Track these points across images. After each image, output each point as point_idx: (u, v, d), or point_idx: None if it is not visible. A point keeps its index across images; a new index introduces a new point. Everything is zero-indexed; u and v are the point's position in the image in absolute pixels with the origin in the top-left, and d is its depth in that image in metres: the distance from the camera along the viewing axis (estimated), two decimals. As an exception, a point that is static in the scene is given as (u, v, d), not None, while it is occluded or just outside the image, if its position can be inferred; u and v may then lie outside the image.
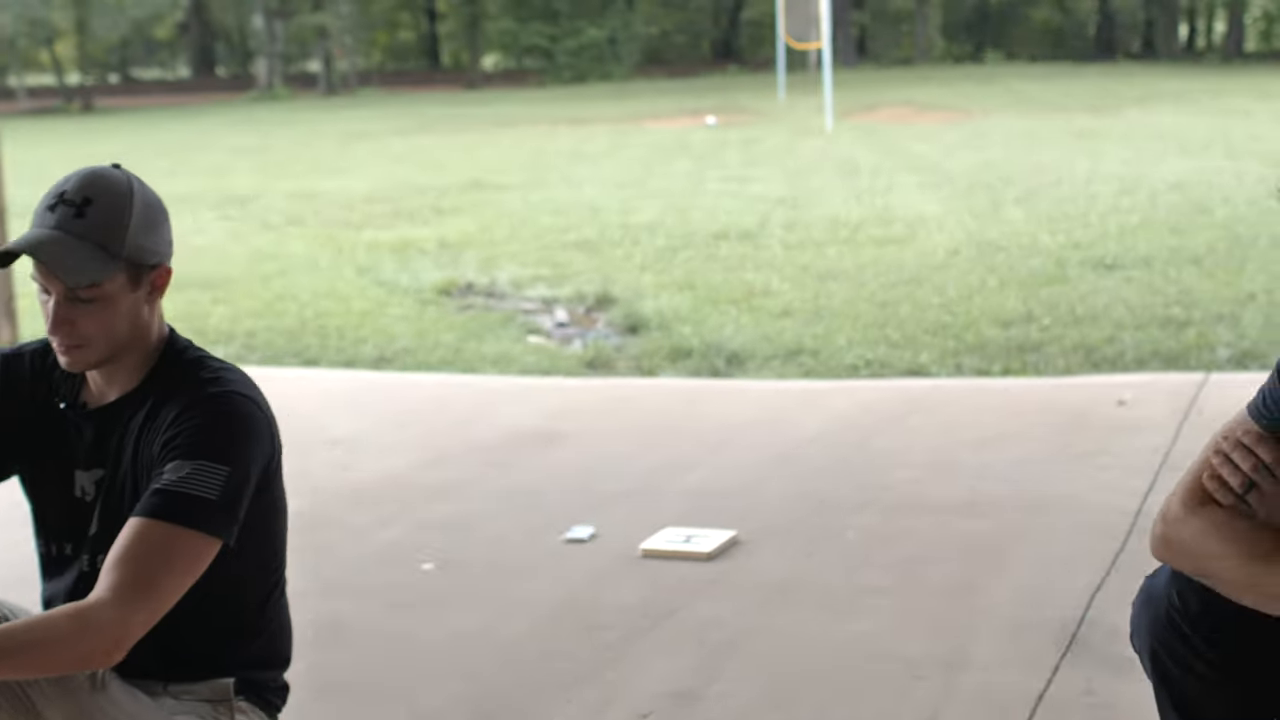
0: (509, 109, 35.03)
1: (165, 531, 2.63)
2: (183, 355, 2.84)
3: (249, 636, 2.93)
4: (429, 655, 4.32)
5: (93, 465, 2.84)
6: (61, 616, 2.57)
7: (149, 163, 24.03)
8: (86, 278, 2.67)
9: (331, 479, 6.08)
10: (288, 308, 10.37)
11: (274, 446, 2.82)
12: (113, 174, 2.76)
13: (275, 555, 2.97)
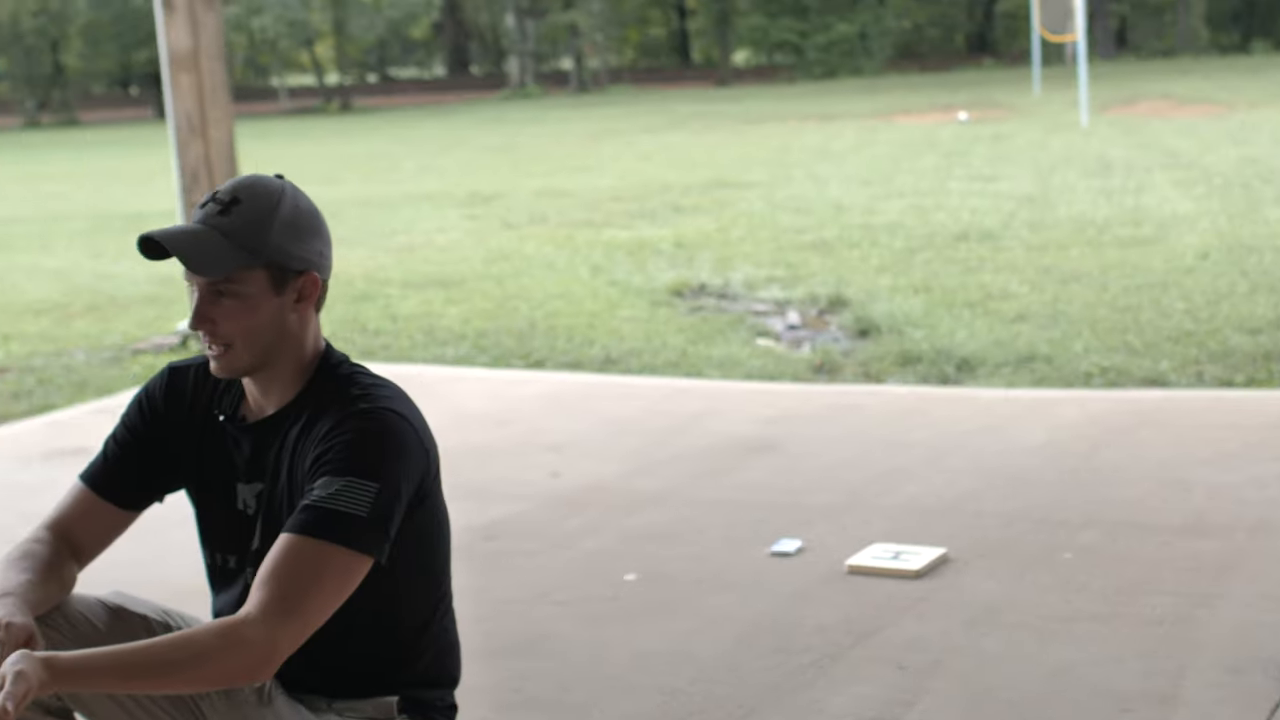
0: (758, 106, 34.94)
1: (314, 548, 2.61)
2: (336, 370, 2.82)
3: (413, 655, 2.89)
4: (623, 669, 4.24)
5: (253, 479, 2.83)
6: (210, 633, 2.56)
7: (401, 161, 24.50)
8: (217, 269, 2.68)
9: (543, 485, 6.05)
10: (519, 308, 10.40)
11: (427, 463, 2.77)
12: (268, 180, 2.77)
13: (436, 574, 2.92)
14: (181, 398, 2.93)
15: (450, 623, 2.98)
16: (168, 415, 2.93)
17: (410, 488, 2.72)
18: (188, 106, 9.31)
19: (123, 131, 37.89)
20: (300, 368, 2.81)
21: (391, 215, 17.02)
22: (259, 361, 2.77)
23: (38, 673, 2.42)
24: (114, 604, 2.91)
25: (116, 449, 2.95)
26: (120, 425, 2.97)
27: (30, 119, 50.15)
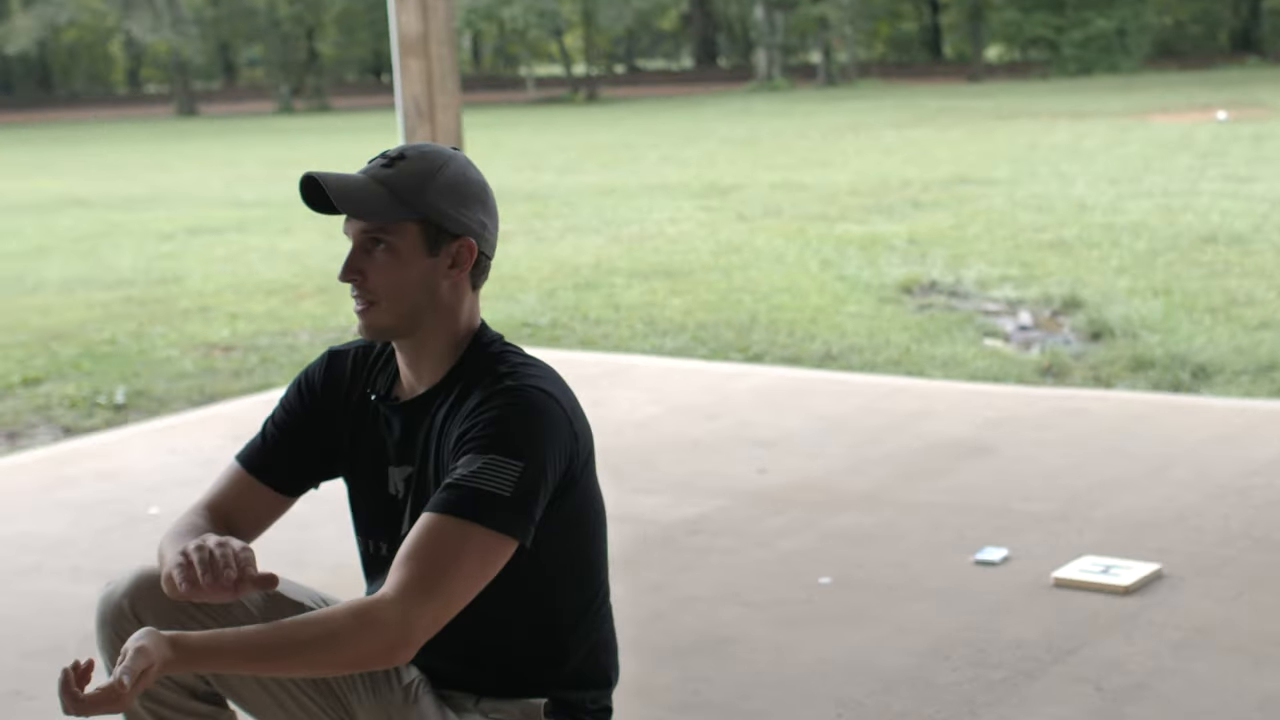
0: (1008, 102, 34.29)
1: (454, 527, 2.51)
2: (487, 349, 2.72)
3: (564, 654, 2.77)
4: (805, 676, 4.08)
5: (402, 461, 2.75)
6: (344, 613, 2.47)
7: (643, 153, 24.52)
8: (368, 213, 2.62)
9: (747, 482, 5.91)
10: (743, 301, 10.27)
11: (576, 447, 2.65)
12: (440, 146, 2.71)
13: (589, 567, 2.79)
14: (339, 382, 2.86)
15: (606, 620, 2.85)
16: (325, 400, 2.86)
17: (557, 470, 2.60)
18: (416, 92, 9.32)
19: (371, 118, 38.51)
20: (451, 343, 2.72)
21: (627, 205, 17.01)
22: (404, 323, 2.68)
23: (161, 650, 2.35)
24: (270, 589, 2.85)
25: (275, 432, 2.88)
26: (279, 408, 2.91)
27: (284, 105, 51.37)
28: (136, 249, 14.94)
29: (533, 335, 9.37)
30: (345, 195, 2.61)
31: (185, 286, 12.19)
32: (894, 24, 60.65)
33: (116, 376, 8.63)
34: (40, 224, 17.76)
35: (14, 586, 5.10)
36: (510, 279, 11.71)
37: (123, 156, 30.64)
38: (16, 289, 12.53)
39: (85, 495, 6.13)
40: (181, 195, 20.61)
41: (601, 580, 2.82)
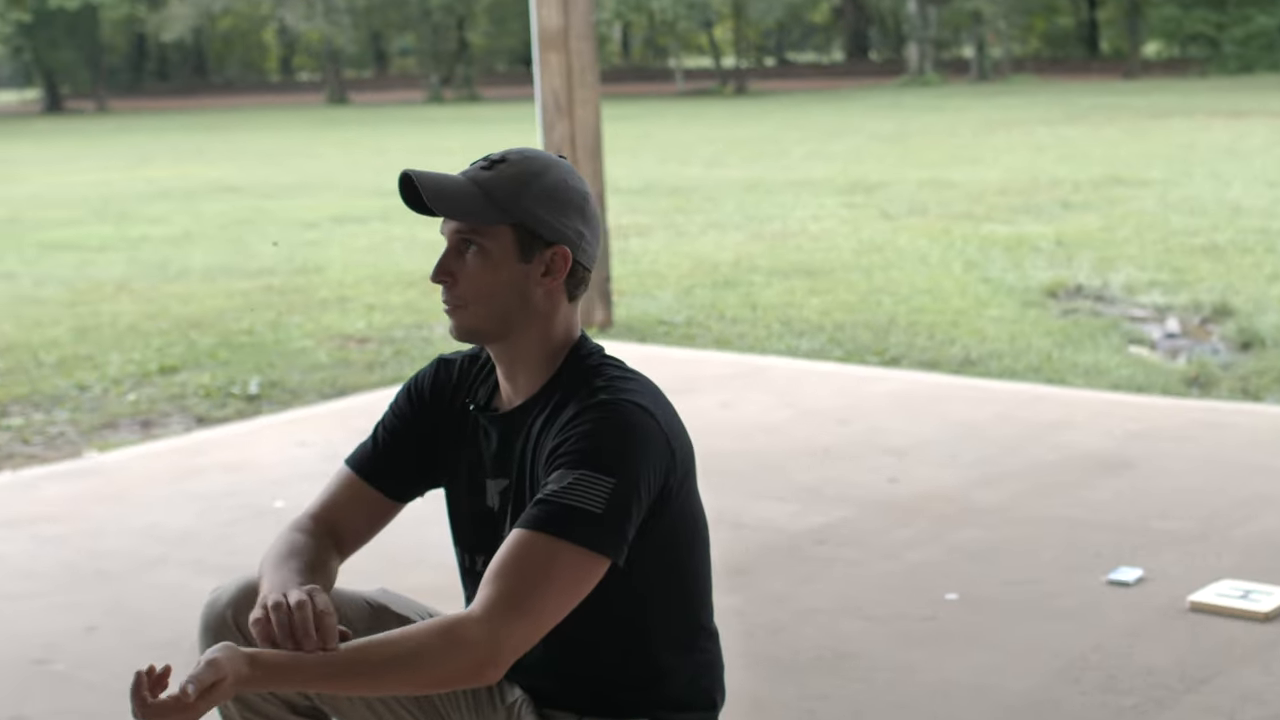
0: (1165, 100, 33.67)
1: (544, 544, 2.44)
2: (584, 361, 2.66)
3: (665, 675, 2.68)
4: (927, 696, 3.97)
5: (499, 474, 2.69)
6: (429, 631, 2.41)
7: (790, 147, 24.38)
8: (460, 214, 2.57)
9: (877, 491, 5.80)
10: (882, 302, 10.12)
11: (673, 462, 2.57)
12: (542, 152, 2.65)
13: (687, 587, 2.70)
14: (445, 390, 2.82)
15: (710, 641, 2.76)
16: (433, 406, 2.81)
17: (651, 487, 2.53)
18: (555, 85, 9.30)
19: (519, 108, 38.62)
20: (547, 353, 2.65)
21: (770, 200, 16.89)
22: (493, 329, 2.62)
23: (236, 665, 2.31)
24: (378, 603, 2.81)
25: (385, 436, 2.84)
26: (389, 412, 2.87)
27: (434, 94, 51.76)
28: (280, 237, 15.07)
29: (667, 334, 9.30)
30: (439, 195, 2.56)
31: (325, 276, 12.26)
32: (1050, 19, 59.76)
33: (251, 367, 8.68)
34: (189, 210, 17.99)
35: (140, 578, 5.12)
36: (648, 275, 11.65)
37: (273, 144, 31.03)
38: (160, 276, 12.68)
39: (213, 487, 6.16)
40: (329, 183, 20.79)
41: (702, 600, 2.74)
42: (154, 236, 15.52)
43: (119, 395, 8.15)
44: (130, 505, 5.99)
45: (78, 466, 6.65)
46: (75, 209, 18.54)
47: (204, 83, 68.17)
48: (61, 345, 9.58)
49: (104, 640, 4.56)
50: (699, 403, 7.22)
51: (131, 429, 7.48)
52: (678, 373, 7.92)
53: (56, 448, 7.13)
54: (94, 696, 4.14)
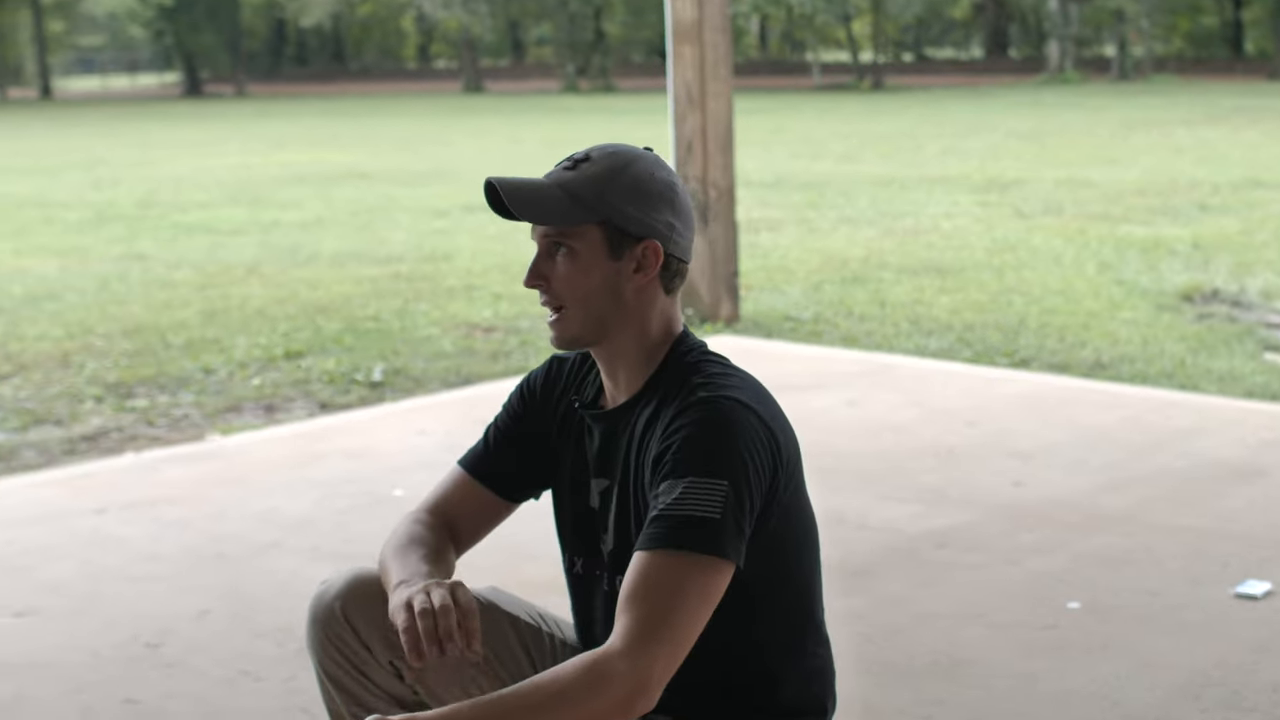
0: (1310, 102, 33.00)
1: (669, 562, 2.38)
2: (684, 357, 2.59)
3: (773, 681, 2.62)
4: (1046, 707, 3.88)
5: (601, 474, 2.64)
6: (573, 672, 2.35)
7: (925, 143, 24.17)
8: (543, 216, 2.51)
9: (1001, 495, 5.69)
10: (1013, 302, 9.97)
11: (778, 462, 2.50)
12: (628, 146, 2.59)
13: (796, 589, 2.64)
14: (555, 387, 2.78)
15: (820, 645, 2.69)
16: (544, 405, 2.77)
17: (761, 483, 2.46)
18: (688, 78, 9.25)
19: (653, 100, 38.63)
20: (645, 350, 2.59)
21: (903, 197, 16.73)
22: (593, 331, 2.57)
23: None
24: (486, 600, 2.77)
25: (497, 436, 2.81)
26: (502, 412, 2.84)
27: (569, 84, 51.91)
28: (411, 224, 15.15)
29: (794, 330, 9.21)
30: (520, 199, 2.51)
31: (454, 264, 12.30)
32: (1194, 18, 58.82)
33: (376, 354, 8.70)
34: (322, 195, 18.14)
35: (254, 564, 5.13)
36: (777, 270, 11.57)
37: (408, 131, 31.25)
38: (290, 260, 12.78)
39: (332, 473, 6.17)
40: (461, 171, 20.88)
41: (812, 603, 2.67)
42: (286, 221, 15.66)
43: (244, 379, 8.20)
44: (250, 489, 6.02)
45: (200, 449, 6.69)
46: (210, 192, 18.77)
47: (341, 69, 68.89)
48: (190, 327, 9.67)
49: (215, 625, 4.57)
50: (824, 400, 7.14)
51: (255, 413, 7.52)
52: (804, 369, 7.85)
53: (180, 430, 7.19)
54: (202, 683, 4.15)
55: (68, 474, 6.38)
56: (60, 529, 5.56)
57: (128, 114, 43.81)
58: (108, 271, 12.31)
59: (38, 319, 10.14)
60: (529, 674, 2.72)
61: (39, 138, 31.98)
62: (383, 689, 2.70)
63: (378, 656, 2.68)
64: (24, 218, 16.52)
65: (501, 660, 2.73)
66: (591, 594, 2.70)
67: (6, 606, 4.79)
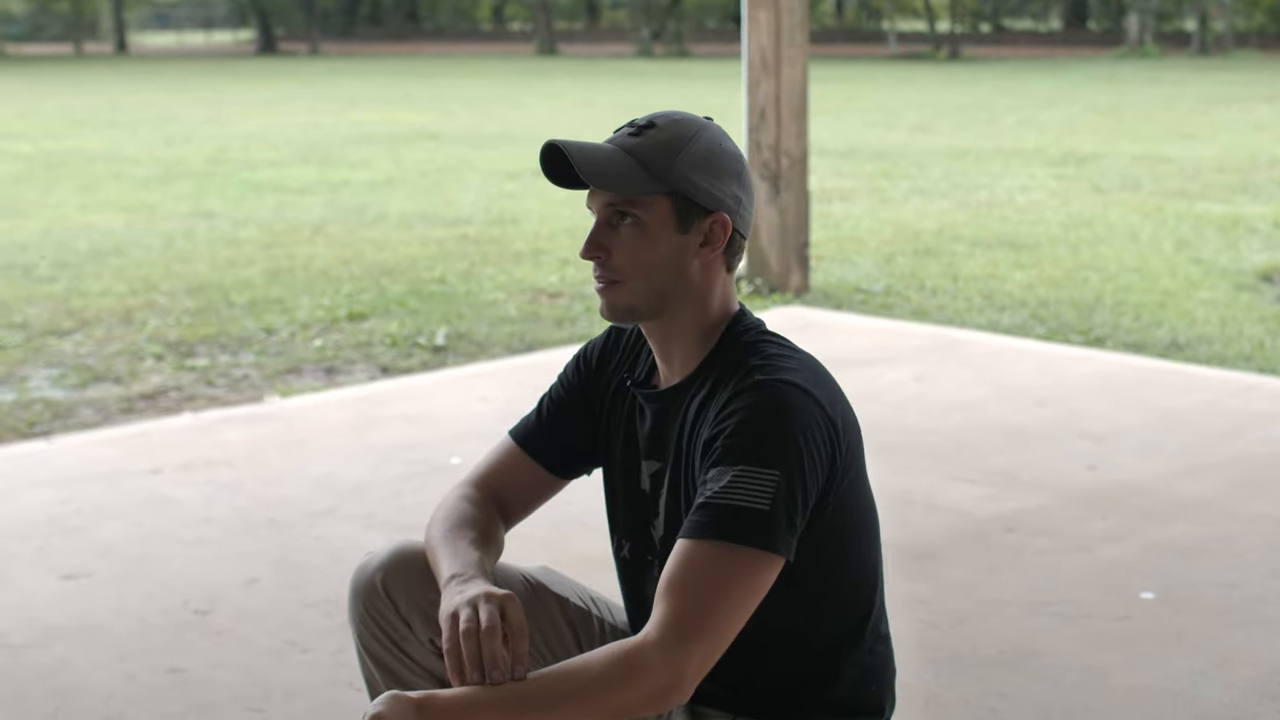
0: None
1: (713, 552, 2.26)
2: (741, 337, 2.46)
3: (827, 679, 2.50)
4: (1115, 702, 3.73)
5: (652, 456, 2.52)
6: (605, 661, 2.24)
7: (1001, 115, 23.91)
8: (614, 184, 2.37)
9: (1073, 478, 5.53)
10: (1088, 279, 9.77)
11: (836, 451, 2.36)
12: (690, 115, 2.46)
13: (855, 582, 2.51)
14: (611, 359, 2.66)
15: (879, 642, 2.56)
16: (600, 377, 2.66)
17: (818, 473, 2.33)
18: (762, 43, 9.09)
19: (727, 66, 38.40)
20: (703, 329, 2.47)
21: (978, 169, 16.51)
22: (649, 306, 2.44)
23: (404, 717, 2.16)
24: (536, 580, 2.66)
25: (550, 407, 2.69)
26: (556, 383, 2.72)
27: (643, 48, 51.71)
28: (480, 186, 15.06)
29: (864, 302, 9.06)
30: (590, 165, 2.38)
31: (521, 228, 12.19)
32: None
33: (439, 317, 8.61)
34: (391, 155, 18.07)
35: (308, 530, 5.05)
36: (849, 241, 11.41)
37: (480, 92, 31.16)
38: (358, 220, 12.71)
39: (390, 439, 6.08)
40: (532, 134, 20.76)
41: (871, 597, 2.54)
42: (355, 181, 15.60)
43: (306, 340, 8.13)
44: (307, 454, 5.93)
45: (258, 411, 6.62)
46: (280, 150, 18.74)
47: (415, 29, 68.91)
48: (253, 287, 9.61)
49: (264, 594, 4.48)
50: (893, 375, 7.00)
51: (315, 375, 7.44)
52: (872, 343, 7.70)
53: (239, 391, 7.12)
54: (249, 653, 4.06)
55: (124, 433, 6.32)
56: (114, 489, 5.50)
57: (201, 70, 43.93)
58: (174, 229, 12.28)
59: (102, 275, 10.11)
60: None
61: (113, 93, 32.09)
62: (422, 666, 2.60)
63: (418, 633, 2.57)
64: (94, 173, 16.52)
65: (549, 644, 2.62)
66: (640, 579, 2.58)
67: (57, 568, 4.73)
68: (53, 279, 9.95)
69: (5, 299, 9.27)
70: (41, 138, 20.50)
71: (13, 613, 4.38)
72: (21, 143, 19.76)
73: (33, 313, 8.84)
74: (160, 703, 3.80)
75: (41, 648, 4.13)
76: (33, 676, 3.96)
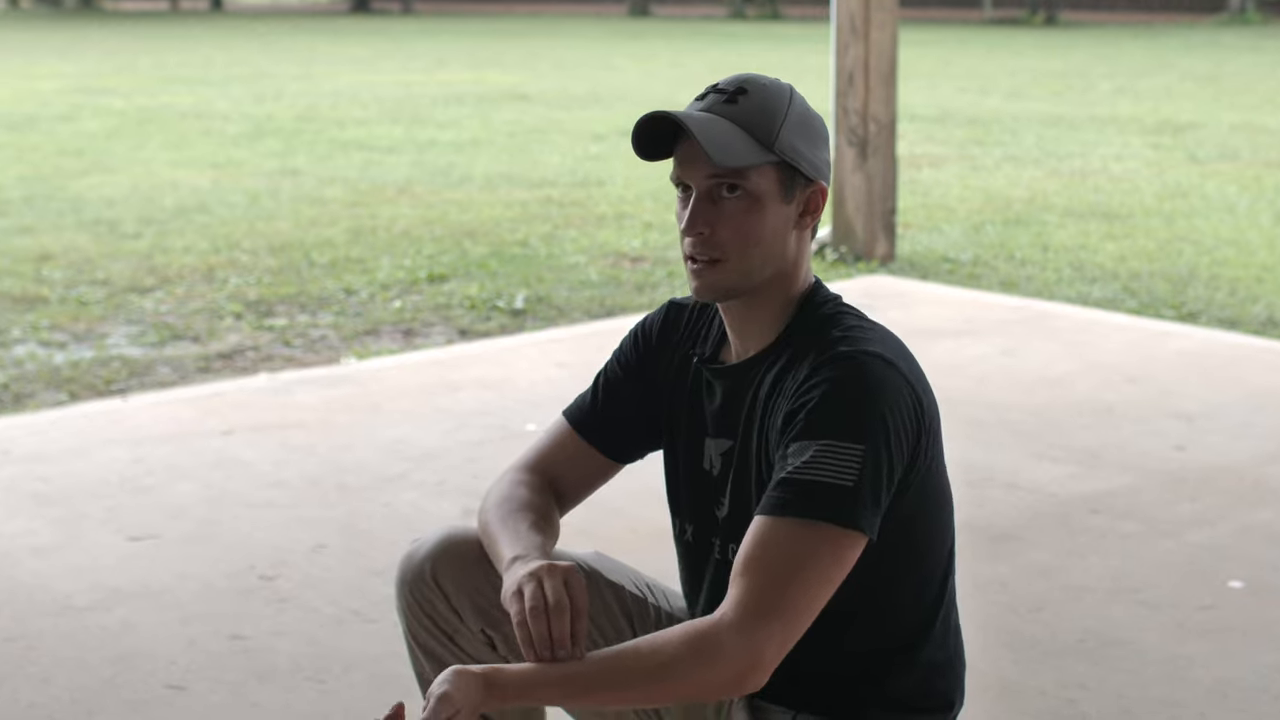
0: None
1: (793, 530, 2.16)
2: (820, 309, 2.36)
3: (894, 672, 2.39)
4: (1201, 696, 3.61)
5: (720, 434, 2.41)
6: (679, 641, 2.16)
7: (1096, 82, 23.55)
8: (734, 157, 2.26)
9: (1162, 459, 5.38)
10: (1183, 251, 9.56)
11: (921, 427, 2.26)
12: (772, 78, 2.35)
13: (930, 569, 2.40)
14: (672, 336, 2.55)
15: (950, 635, 2.45)
16: (659, 354, 2.55)
17: (900, 452, 2.23)
18: (852, 7, 8.93)
19: (818, 29, 38.16)
20: (785, 302, 2.37)
21: (1071, 137, 16.23)
22: (746, 281, 2.33)
23: (469, 693, 2.10)
24: (589, 567, 2.57)
25: (606, 388, 2.60)
26: (612, 360, 2.62)
27: (736, 10, 51.38)
28: (566, 148, 14.95)
29: (951, 272, 8.90)
30: (712, 141, 2.26)
31: (606, 191, 12.08)
32: (1385, -40, 56.86)
33: (519, 280, 8.53)
34: (479, 116, 18.00)
35: (378, 496, 4.98)
36: (938, 208, 11.22)
37: (570, 53, 31.04)
38: (443, 181, 12.64)
39: (465, 404, 6.01)
40: (621, 96, 20.63)
41: (943, 586, 2.43)
42: (441, 141, 15.53)
43: (385, 301, 8.07)
44: (380, 417, 5.87)
45: (334, 373, 6.56)
46: (369, 109, 18.70)
47: (509, -11, 68.79)
48: (335, 246, 9.57)
49: (329, 560, 4.43)
50: (979, 348, 6.86)
51: (393, 337, 7.39)
52: (958, 314, 7.56)
53: (316, 351, 7.07)
54: (312, 621, 4.00)
55: (199, 393, 6.29)
56: (186, 450, 5.46)
57: (295, 28, 44.06)
58: (260, 186, 12.26)
59: (185, 232, 10.10)
60: None
61: (207, 50, 32.21)
62: (473, 657, 2.52)
63: (469, 624, 2.49)
64: (183, 129, 16.56)
65: (604, 634, 2.53)
66: (703, 563, 2.49)
67: (125, 529, 4.70)
68: (138, 235, 9.95)
69: (90, 255, 9.28)
70: (134, 93, 20.57)
71: (80, 574, 4.35)
72: (115, 98, 19.83)
73: (116, 269, 8.84)
74: (220, 669, 3.75)
75: (105, 610, 4.10)
76: (95, 640, 3.93)
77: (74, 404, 6.21)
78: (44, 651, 3.86)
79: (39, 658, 3.83)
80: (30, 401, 6.27)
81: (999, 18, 48.17)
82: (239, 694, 3.63)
